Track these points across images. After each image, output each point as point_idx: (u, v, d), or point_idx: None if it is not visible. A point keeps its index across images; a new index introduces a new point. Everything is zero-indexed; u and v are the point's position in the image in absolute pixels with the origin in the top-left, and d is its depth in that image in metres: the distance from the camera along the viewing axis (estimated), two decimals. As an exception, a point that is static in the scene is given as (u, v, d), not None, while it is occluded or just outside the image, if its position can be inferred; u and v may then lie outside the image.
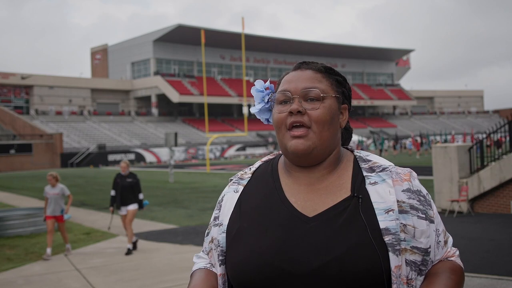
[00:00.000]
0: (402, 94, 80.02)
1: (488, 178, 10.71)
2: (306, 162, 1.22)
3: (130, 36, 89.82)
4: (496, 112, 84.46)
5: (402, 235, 1.13)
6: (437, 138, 48.74)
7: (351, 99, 1.32)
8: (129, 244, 8.12)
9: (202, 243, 1.34)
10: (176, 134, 25.03)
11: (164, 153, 47.72)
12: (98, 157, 45.20)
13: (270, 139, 57.85)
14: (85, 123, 55.31)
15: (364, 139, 51.63)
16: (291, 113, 1.19)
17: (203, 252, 1.34)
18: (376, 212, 1.14)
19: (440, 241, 1.22)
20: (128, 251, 8.02)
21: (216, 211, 1.31)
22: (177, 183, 21.86)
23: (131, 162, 45.22)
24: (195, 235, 9.36)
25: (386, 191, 1.16)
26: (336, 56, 75.92)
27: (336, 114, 1.23)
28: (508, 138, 11.45)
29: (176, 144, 24.73)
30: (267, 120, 1.35)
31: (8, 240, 9.69)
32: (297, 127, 1.19)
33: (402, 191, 1.18)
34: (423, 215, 1.17)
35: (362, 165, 1.24)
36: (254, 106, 1.34)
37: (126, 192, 8.13)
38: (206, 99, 37.22)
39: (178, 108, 65.19)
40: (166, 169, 31.40)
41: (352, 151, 1.31)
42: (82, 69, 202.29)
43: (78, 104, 59.37)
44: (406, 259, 1.13)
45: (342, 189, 1.20)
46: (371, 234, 1.11)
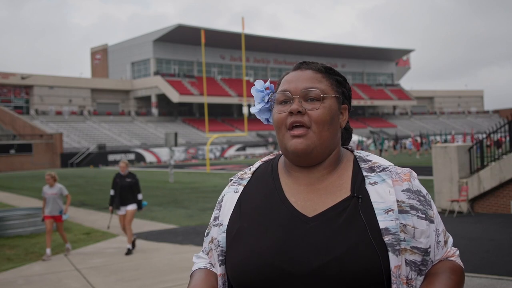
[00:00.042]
0: (402, 94, 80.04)
1: (488, 178, 10.71)
2: (306, 162, 1.22)
3: (130, 36, 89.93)
4: (496, 112, 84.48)
5: (402, 235, 1.13)
6: (437, 138, 48.73)
7: (351, 99, 1.32)
8: (129, 244, 8.12)
9: (202, 243, 1.34)
10: (176, 134, 25.03)
11: (164, 153, 47.72)
12: (98, 157, 45.21)
13: (270, 139, 57.85)
14: (85, 123, 55.32)
15: (364, 139, 51.61)
16: (291, 113, 1.19)
17: (202, 252, 1.34)
18: (376, 212, 1.14)
19: (440, 241, 1.22)
20: (128, 251, 8.03)
21: (216, 211, 1.31)
22: (177, 183, 21.87)
23: (131, 162, 45.23)
24: (195, 235, 9.36)
25: (386, 191, 1.16)
26: (336, 56, 75.93)
27: (336, 114, 1.24)
28: (508, 138, 11.45)
29: (176, 144, 24.74)
30: (267, 120, 1.35)
31: (8, 240, 9.69)
32: (297, 127, 1.19)
33: (402, 191, 1.18)
34: (423, 215, 1.17)
35: (362, 165, 1.24)
36: (254, 106, 1.34)
37: (125, 192, 8.12)
38: (206, 99, 37.23)
39: (178, 108, 65.21)
40: (166, 169, 31.41)
41: (352, 151, 1.31)
42: (82, 69, 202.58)
43: (78, 104, 59.38)
44: (406, 259, 1.13)
45: (342, 189, 1.20)
46: (371, 234, 1.11)
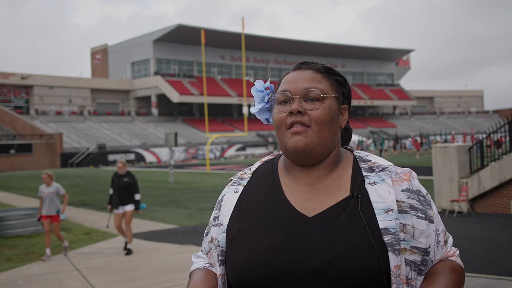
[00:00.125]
0: (402, 94, 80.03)
1: (488, 178, 10.71)
2: (306, 161, 1.22)
3: (130, 36, 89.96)
4: (496, 112, 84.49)
5: (402, 235, 1.13)
6: (437, 138, 48.74)
7: (351, 100, 1.32)
8: (129, 244, 8.12)
9: (202, 243, 1.34)
10: (176, 134, 25.03)
11: (164, 153, 47.73)
12: (98, 157, 45.21)
13: (270, 139, 57.85)
14: (85, 123, 55.33)
15: (364, 139, 51.61)
16: (291, 113, 1.19)
17: (202, 252, 1.34)
18: (376, 212, 1.14)
19: (440, 241, 1.22)
20: (128, 251, 8.03)
21: (215, 211, 1.31)
22: (177, 183, 21.87)
23: (131, 162, 45.25)
24: (195, 235, 9.36)
25: (386, 191, 1.16)
26: (336, 56, 75.93)
27: (336, 114, 1.24)
28: (508, 138, 11.45)
29: (176, 144, 24.74)
30: (267, 120, 1.35)
31: (8, 240, 9.68)
32: (297, 125, 1.19)
33: (402, 191, 1.18)
34: (423, 215, 1.17)
35: (362, 165, 1.24)
36: (254, 106, 1.34)
37: (122, 191, 8.12)
38: (206, 99, 37.23)
39: (178, 108, 65.21)
40: (166, 169, 31.41)
41: (351, 151, 1.31)
42: (82, 69, 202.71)
43: (78, 104, 59.39)
44: (406, 259, 1.13)
45: (341, 189, 1.20)
46: (371, 234, 1.11)
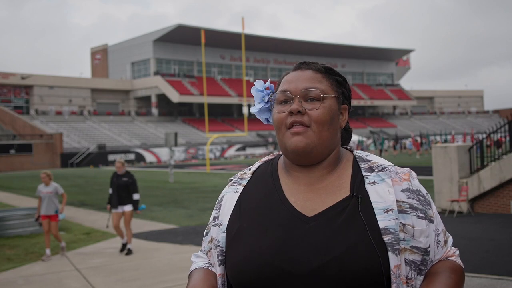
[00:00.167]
0: (402, 94, 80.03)
1: (488, 178, 10.71)
2: (306, 161, 1.22)
3: (130, 36, 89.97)
4: (496, 112, 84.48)
5: (402, 235, 1.13)
6: (437, 138, 48.74)
7: (351, 100, 1.33)
8: (129, 244, 8.12)
9: (202, 242, 1.34)
10: (176, 134, 25.03)
11: (164, 153, 47.73)
12: (98, 157, 45.21)
13: (270, 139, 57.85)
14: (85, 123, 55.32)
15: (364, 139, 51.61)
16: (291, 113, 1.19)
17: (201, 252, 1.34)
18: (376, 211, 1.14)
19: (439, 240, 1.22)
20: (128, 251, 8.03)
21: (215, 211, 1.31)
22: (177, 183, 21.87)
23: (131, 162, 45.24)
24: (195, 235, 9.36)
25: (386, 191, 1.16)
26: (336, 56, 75.92)
27: (336, 114, 1.24)
28: (508, 138, 11.44)
29: (176, 144, 24.73)
30: (267, 120, 1.35)
31: (8, 240, 9.68)
32: (297, 125, 1.19)
33: (402, 190, 1.18)
34: (423, 215, 1.17)
35: (362, 165, 1.24)
36: (254, 106, 1.34)
37: (121, 191, 8.12)
38: (206, 99, 37.23)
39: (178, 108, 65.21)
40: (166, 169, 31.40)
41: (351, 151, 1.31)
42: (82, 69, 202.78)
43: (78, 104, 59.38)
44: (406, 259, 1.13)
45: (341, 188, 1.20)
46: (371, 234, 1.11)
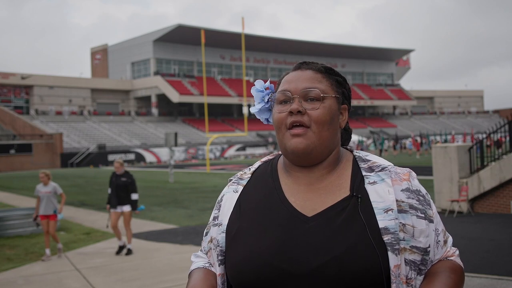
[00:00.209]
0: (402, 94, 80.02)
1: (488, 178, 10.71)
2: (306, 162, 1.22)
3: (130, 36, 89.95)
4: (496, 112, 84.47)
5: (401, 235, 1.13)
6: (437, 138, 48.75)
7: (350, 100, 1.32)
8: (129, 244, 8.12)
9: (201, 242, 1.34)
10: (176, 134, 25.03)
11: (164, 153, 47.72)
12: (98, 157, 45.20)
13: (270, 139, 57.85)
14: (85, 123, 55.32)
15: (364, 139, 51.61)
16: (291, 113, 1.19)
17: (201, 252, 1.34)
18: (375, 211, 1.14)
19: (439, 240, 1.22)
20: (128, 251, 8.03)
21: (215, 211, 1.31)
22: (177, 183, 21.86)
23: (131, 162, 45.24)
24: (195, 235, 9.36)
25: (385, 191, 1.16)
26: (336, 56, 75.91)
27: (336, 114, 1.24)
28: (508, 138, 11.44)
29: (176, 144, 24.73)
30: (267, 120, 1.35)
31: (8, 240, 9.68)
32: (297, 126, 1.19)
33: (401, 190, 1.18)
34: (422, 215, 1.17)
35: (361, 165, 1.24)
36: (254, 106, 1.34)
37: (120, 191, 8.12)
38: (206, 99, 37.23)
39: (178, 108, 65.20)
40: (166, 169, 31.40)
41: (351, 151, 1.31)
42: (82, 69, 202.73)
43: (78, 104, 59.38)
44: (406, 259, 1.13)
45: (341, 188, 1.20)
46: (370, 234, 1.11)
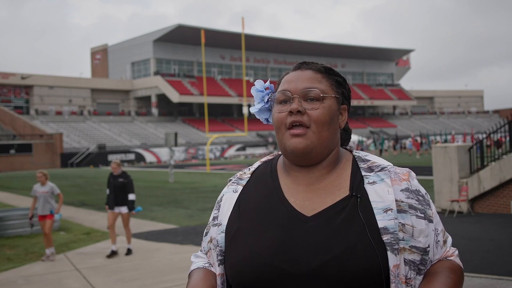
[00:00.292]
0: (402, 94, 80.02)
1: (488, 178, 10.71)
2: (305, 162, 1.22)
3: (130, 36, 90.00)
4: (496, 112, 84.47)
5: (401, 235, 1.13)
6: (437, 138, 48.74)
7: (350, 100, 1.33)
8: (129, 244, 8.12)
9: (201, 242, 1.34)
10: (176, 134, 25.03)
11: (164, 153, 47.72)
12: (98, 157, 45.19)
13: (270, 139, 57.84)
14: (85, 123, 55.32)
15: (364, 139, 51.61)
16: (291, 113, 1.19)
17: (201, 252, 1.34)
18: (375, 211, 1.14)
19: (439, 240, 1.22)
20: (128, 251, 8.03)
21: (215, 211, 1.31)
22: (177, 183, 21.86)
23: (131, 162, 45.23)
24: (195, 235, 9.36)
25: (385, 191, 1.16)
26: (336, 56, 75.90)
27: (335, 114, 1.24)
28: (508, 138, 11.45)
29: (176, 144, 24.73)
30: (267, 120, 1.35)
31: (8, 240, 9.69)
32: (297, 126, 1.19)
33: (401, 190, 1.18)
34: (422, 215, 1.17)
35: (361, 165, 1.24)
36: (254, 106, 1.34)
37: (118, 191, 8.12)
38: (206, 99, 37.22)
39: (178, 108, 65.20)
40: (166, 169, 31.40)
41: (351, 151, 1.31)
42: (82, 69, 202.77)
43: (78, 104, 59.38)
44: (405, 259, 1.13)
45: (340, 188, 1.20)
46: (370, 234, 1.11)
